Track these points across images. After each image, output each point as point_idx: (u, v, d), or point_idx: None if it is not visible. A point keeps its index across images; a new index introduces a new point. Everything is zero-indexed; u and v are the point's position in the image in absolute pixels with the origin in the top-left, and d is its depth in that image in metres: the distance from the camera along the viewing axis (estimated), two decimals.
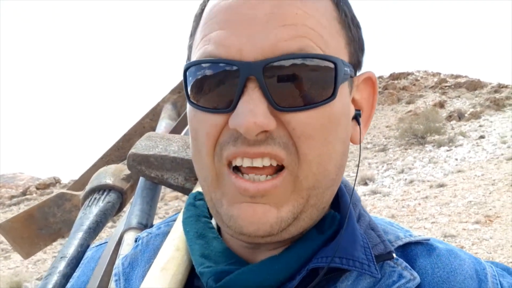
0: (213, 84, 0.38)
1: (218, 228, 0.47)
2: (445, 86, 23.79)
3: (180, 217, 0.49)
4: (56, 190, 14.90)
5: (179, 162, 0.70)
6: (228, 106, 0.38)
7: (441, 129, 15.29)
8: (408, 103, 22.01)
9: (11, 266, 8.35)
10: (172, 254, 0.44)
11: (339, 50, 0.41)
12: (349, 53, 0.42)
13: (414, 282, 0.42)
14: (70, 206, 0.96)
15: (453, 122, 17.50)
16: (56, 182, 16.22)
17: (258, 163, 0.37)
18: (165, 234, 0.50)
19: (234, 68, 0.37)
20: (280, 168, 0.39)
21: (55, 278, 0.58)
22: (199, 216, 0.46)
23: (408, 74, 26.64)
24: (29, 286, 7.05)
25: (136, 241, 0.52)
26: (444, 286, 0.43)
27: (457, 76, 25.74)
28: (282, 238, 0.40)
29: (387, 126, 17.87)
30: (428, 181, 9.76)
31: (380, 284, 0.41)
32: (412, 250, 0.46)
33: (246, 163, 0.37)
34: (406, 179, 10.40)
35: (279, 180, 0.38)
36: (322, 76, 0.38)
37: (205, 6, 0.43)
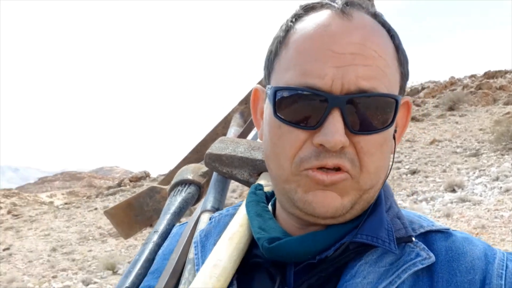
0: (301, 106, 0.48)
1: (273, 211, 0.59)
2: None
3: (244, 202, 0.61)
4: (146, 183, 16.16)
5: (245, 161, 0.84)
6: (314, 125, 0.47)
7: None
8: (506, 104, 19.79)
9: (107, 249, 9.30)
10: (237, 228, 0.57)
11: (396, 85, 0.51)
12: (400, 86, 0.52)
13: (429, 260, 0.50)
14: (159, 197, 1.17)
15: None
16: (146, 176, 17.54)
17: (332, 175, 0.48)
18: (232, 215, 0.62)
19: (324, 98, 0.46)
20: None
21: (150, 245, 0.76)
22: (258, 202, 0.58)
23: (506, 72, 23.88)
24: (121, 268, 7.82)
25: (210, 219, 0.65)
26: (454, 264, 0.50)
27: None
28: (339, 222, 0.51)
29: (480, 129, 16.26)
30: None
31: (400, 260, 0.50)
32: (432, 236, 0.54)
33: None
34: (501, 187, 9.43)
35: (344, 175, 0.48)
36: (386, 109, 0.48)
37: (288, 30, 0.51)
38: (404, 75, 0.52)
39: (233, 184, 0.92)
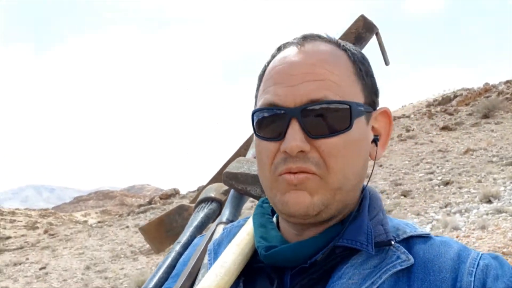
0: (269, 122, 0.57)
1: (277, 222, 0.65)
2: None
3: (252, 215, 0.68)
4: (175, 200, 16.34)
5: (257, 179, 0.91)
6: (279, 136, 0.55)
7: None
8: None
9: (138, 267, 9.43)
10: (244, 236, 0.64)
11: (355, 94, 0.57)
12: (364, 96, 0.58)
13: (408, 262, 0.55)
14: (187, 214, 1.27)
15: None
16: (176, 193, 17.72)
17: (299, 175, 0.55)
18: (242, 226, 0.69)
19: (283, 112, 0.55)
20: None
21: (173, 254, 0.86)
22: (263, 214, 0.65)
23: None
24: None
25: (223, 230, 0.73)
26: (429, 265, 0.55)
27: None
28: (317, 220, 0.57)
29: None
30: None
31: (383, 263, 0.56)
32: (413, 241, 0.59)
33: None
34: None
35: (310, 175, 0.54)
36: (341, 114, 0.55)
37: (265, 69, 0.61)
38: (368, 87, 0.59)
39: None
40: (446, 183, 10.47)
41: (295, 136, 0.53)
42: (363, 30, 1.30)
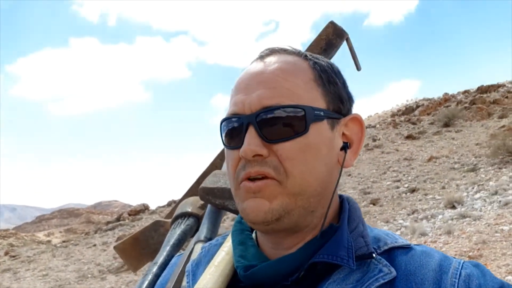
0: (232, 131, 0.58)
1: (256, 238, 0.63)
2: None
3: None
4: (145, 216, 15.92)
5: None
6: (239, 144, 0.55)
7: None
8: (501, 117, 19.73)
9: (106, 287, 9.08)
10: (223, 256, 0.62)
11: (313, 100, 0.57)
12: (326, 102, 0.58)
13: (390, 275, 0.54)
14: (163, 230, 1.23)
15: None
16: (145, 208, 17.28)
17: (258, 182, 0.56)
18: (221, 244, 0.67)
19: (240, 119, 0.56)
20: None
21: (149, 276, 0.82)
22: (242, 230, 0.63)
23: (499, 86, 23.94)
24: None
25: (201, 249, 0.71)
26: (411, 277, 0.55)
27: None
28: (280, 227, 0.55)
29: (477, 144, 16.12)
30: None
31: (365, 276, 0.55)
32: (395, 252, 0.58)
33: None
34: (500, 201, 9.35)
35: (268, 181, 0.54)
36: (296, 118, 0.55)
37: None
38: (330, 93, 0.59)
39: None
40: (412, 190, 10.78)
41: (250, 141, 0.54)
42: (333, 36, 1.31)
